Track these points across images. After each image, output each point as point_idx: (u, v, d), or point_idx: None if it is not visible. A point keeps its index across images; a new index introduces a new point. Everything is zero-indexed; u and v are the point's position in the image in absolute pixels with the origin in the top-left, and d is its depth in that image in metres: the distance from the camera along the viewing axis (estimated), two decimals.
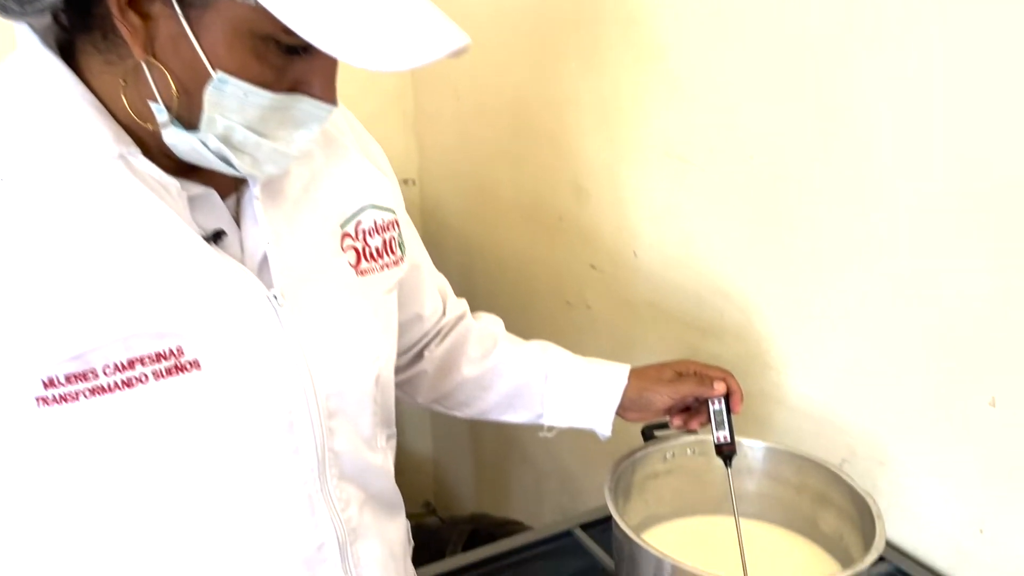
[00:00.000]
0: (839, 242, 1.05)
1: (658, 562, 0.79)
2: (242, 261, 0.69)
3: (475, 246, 1.89)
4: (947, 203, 0.92)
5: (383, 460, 0.83)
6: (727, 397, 0.93)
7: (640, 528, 0.97)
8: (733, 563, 0.88)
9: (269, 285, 0.69)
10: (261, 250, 0.70)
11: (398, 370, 0.99)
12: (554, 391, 0.99)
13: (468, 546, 1.46)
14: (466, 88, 1.81)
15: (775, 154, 1.10)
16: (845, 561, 0.91)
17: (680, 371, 0.96)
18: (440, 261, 1.04)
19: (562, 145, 1.51)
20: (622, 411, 0.98)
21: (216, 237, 0.68)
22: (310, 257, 0.73)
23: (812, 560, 0.93)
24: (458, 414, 1.04)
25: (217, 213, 0.69)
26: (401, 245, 0.83)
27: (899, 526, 1.05)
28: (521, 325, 1.05)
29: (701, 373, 0.95)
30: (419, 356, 0.99)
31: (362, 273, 0.78)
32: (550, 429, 1.02)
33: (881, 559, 0.97)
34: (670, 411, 0.97)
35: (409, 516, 0.96)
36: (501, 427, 1.97)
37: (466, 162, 1.88)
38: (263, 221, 0.70)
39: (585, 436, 1.65)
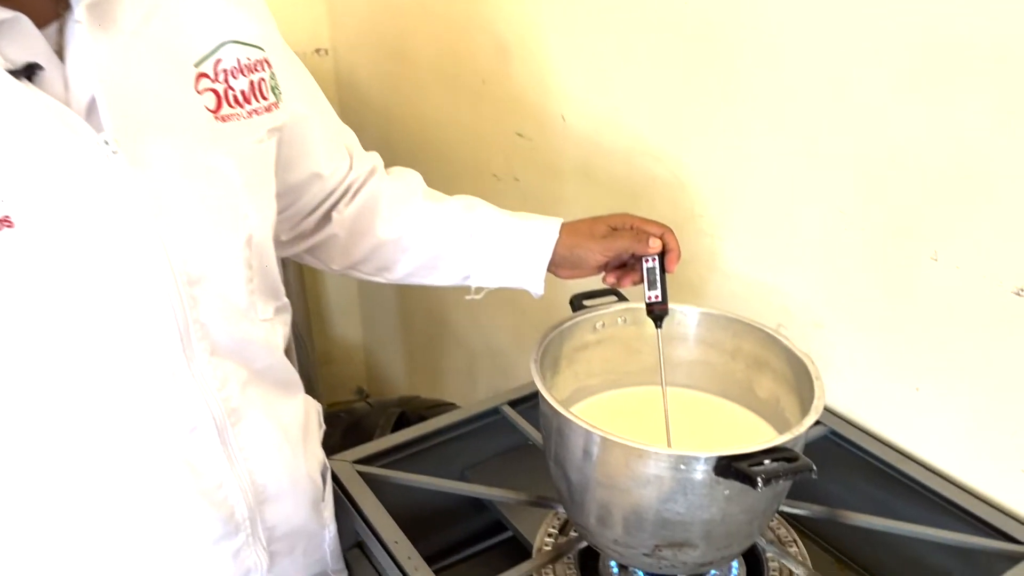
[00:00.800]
0: (775, 101, 0.98)
1: (587, 435, 0.74)
2: (66, 102, 0.59)
3: (395, 118, 1.78)
4: (882, 55, 0.85)
5: (268, 334, 0.75)
6: (662, 255, 0.87)
7: (570, 402, 0.92)
8: (664, 433, 0.85)
9: (100, 129, 0.59)
10: (90, 88, 0.59)
11: (305, 235, 0.90)
12: (480, 250, 0.91)
13: (397, 429, 1.41)
14: None
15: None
16: (781, 426, 0.88)
17: (615, 226, 0.89)
18: (358, 136, 0.94)
19: None
20: (553, 268, 0.91)
21: (29, 72, 0.57)
22: (154, 99, 0.63)
23: (748, 426, 0.90)
24: (379, 279, 0.96)
25: (30, 43, 0.58)
26: (274, 89, 0.72)
27: (835, 389, 1.02)
28: None
29: (638, 228, 0.88)
30: (327, 218, 0.89)
31: (223, 119, 0.68)
32: (478, 291, 0.94)
33: (817, 422, 0.94)
34: (604, 268, 0.91)
35: (340, 403, 0.90)
36: (431, 308, 1.91)
37: (381, 26, 1.74)
38: (90, 53, 0.59)
39: (516, 313, 1.60)
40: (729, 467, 0.69)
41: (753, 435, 0.89)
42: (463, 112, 1.55)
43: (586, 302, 0.94)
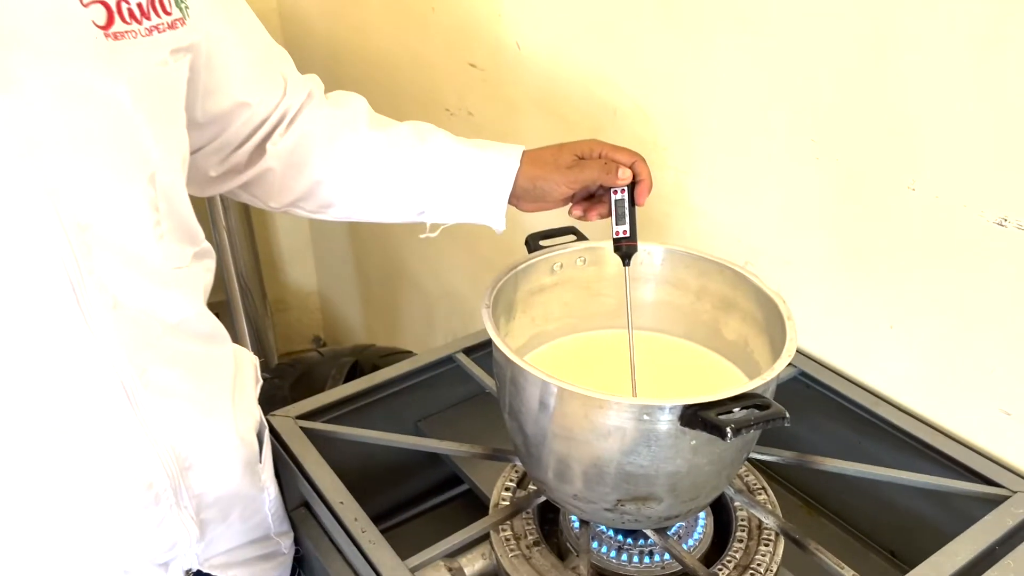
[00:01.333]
0: (743, 29, 0.91)
1: (543, 385, 0.68)
2: None
3: (341, 51, 1.68)
4: None
5: (183, 283, 0.67)
6: (632, 186, 0.80)
7: (526, 349, 0.86)
8: (628, 379, 0.79)
9: None
10: None
11: (237, 170, 0.81)
12: (434, 184, 0.83)
13: (350, 379, 1.34)
14: None
15: None
16: (751, 370, 0.83)
17: (582, 154, 0.81)
18: (303, 70, 0.86)
19: None
20: (515, 201, 0.84)
21: None
22: (26, 11, 0.54)
23: (715, 370, 0.85)
24: (323, 217, 0.87)
25: None
26: (179, 3, 0.63)
27: (805, 327, 0.97)
28: None
29: (607, 156, 0.80)
30: (260, 151, 0.81)
31: (115, 37, 0.58)
32: (433, 228, 0.87)
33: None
34: (570, 200, 0.84)
35: (296, 352, 0.82)
36: (386, 251, 1.84)
37: None
38: None
39: (473, 255, 1.53)
40: (696, 417, 0.64)
41: (721, 380, 0.84)
42: (412, 42, 1.46)
43: (543, 242, 0.87)
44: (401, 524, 1.00)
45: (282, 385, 1.34)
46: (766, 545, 0.80)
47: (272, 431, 0.88)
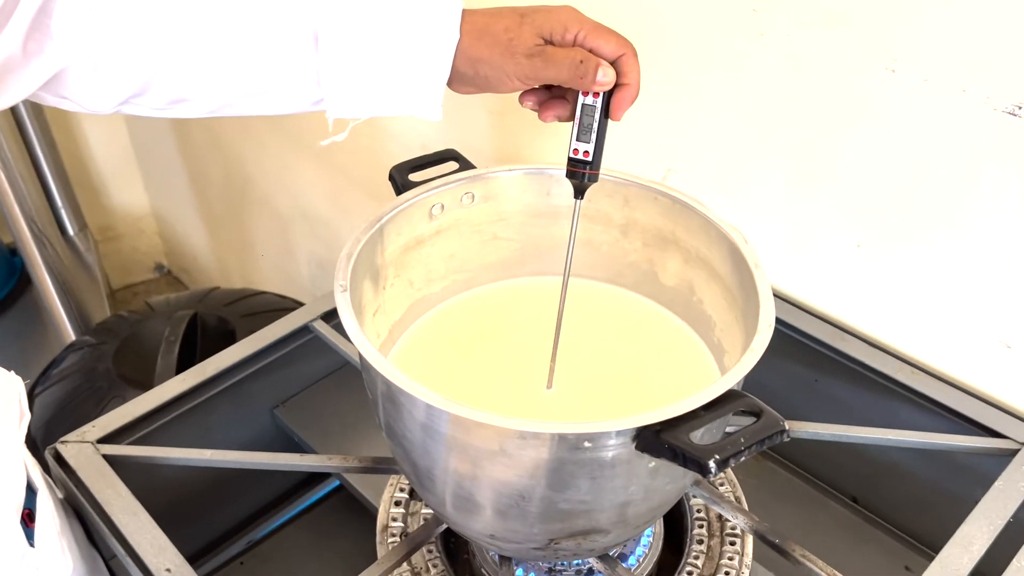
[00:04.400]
0: None
1: (428, 411, 0.47)
2: None
3: None
4: None
5: None
6: (611, 91, 0.54)
7: (405, 324, 0.64)
8: (546, 347, 0.59)
9: None
10: None
11: (12, 67, 0.51)
12: (335, 63, 0.55)
13: (189, 336, 1.08)
14: None
15: None
16: (700, 324, 0.64)
17: (550, 35, 0.54)
18: None
19: None
20: (450, 83, 0.57)
21: None
22: None
23: (656, 328, 0.65)
24: (178, 115, 0.59)
25: None
26: None
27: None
28: None
29: (585, 44, 0.53)
30: (39, 33, 0.51)
31: None
32: (339, 127, 0.58)
33: None
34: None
35: (138, 284, 0.55)
36: (225, 165, 1.53)
37: None
38: None
39: (331, 168, 1.27)
40: (658, 441, 0.45)
41: (666, 345, 0.65)
42: None
43: (414, 176, 0.64)
44: (265, 539, 0.79)
45: (105, 352, 1.07)
46: (732, 544, 0.64)
47: (63, 466, 0.64)
